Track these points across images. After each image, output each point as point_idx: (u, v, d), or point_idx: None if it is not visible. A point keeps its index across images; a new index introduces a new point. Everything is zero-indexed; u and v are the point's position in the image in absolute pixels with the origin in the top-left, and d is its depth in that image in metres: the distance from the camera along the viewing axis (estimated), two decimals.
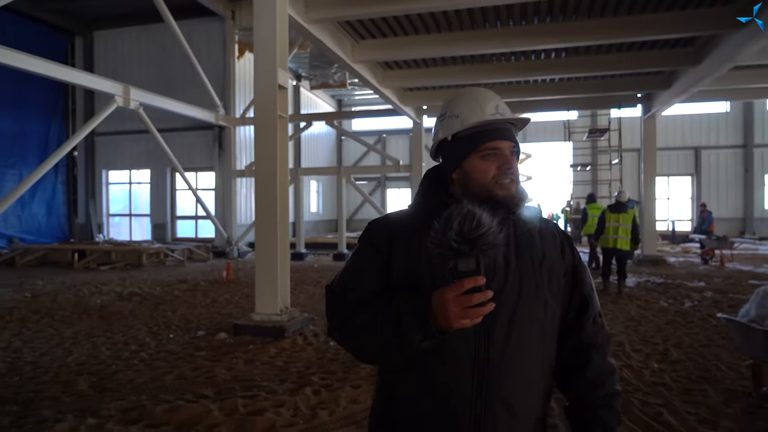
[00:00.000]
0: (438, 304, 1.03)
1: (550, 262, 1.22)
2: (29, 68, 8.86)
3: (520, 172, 1.23)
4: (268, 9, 5.78)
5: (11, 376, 4.52)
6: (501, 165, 1.17)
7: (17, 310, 7.37)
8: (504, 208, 1.16)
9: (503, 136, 1.19)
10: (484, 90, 1.25)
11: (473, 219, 1.03)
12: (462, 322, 1.02)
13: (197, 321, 6.68)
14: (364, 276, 1.22)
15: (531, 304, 1.17)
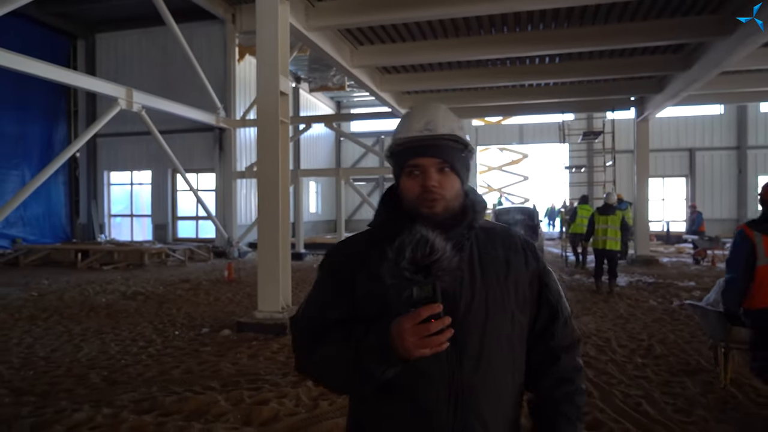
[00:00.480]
0: (396, 334, 1.01)
1: (515, 273, 1.21)
2: (36, 72, 9.10)
3: (455, 188, 1.18)
4: (270, 18, 6.01)
5: (26, 370, 4.74)
6: (424, 183, 1.14)
7: (26, 309, 7.58)
8: (458, 225, 1.17)
9: (426, 153, 1.15)
10: (428, 106, 1.22)
11: (426, 245, 1.03)
12: (421, 351, 1.00)
13: (201, 319, 6.91)
14: (326, 307, 1.21)
15: (499, 319, 1.16)
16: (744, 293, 3.28)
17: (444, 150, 1.16)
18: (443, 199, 1.14)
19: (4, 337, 5.93)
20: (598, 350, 5.18)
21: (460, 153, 1.18)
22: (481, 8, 6.66)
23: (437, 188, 1.14)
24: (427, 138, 1.15)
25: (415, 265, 1.02)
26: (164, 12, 12.60)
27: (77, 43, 17.66)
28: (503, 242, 1.23)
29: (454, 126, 1.19)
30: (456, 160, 1.16)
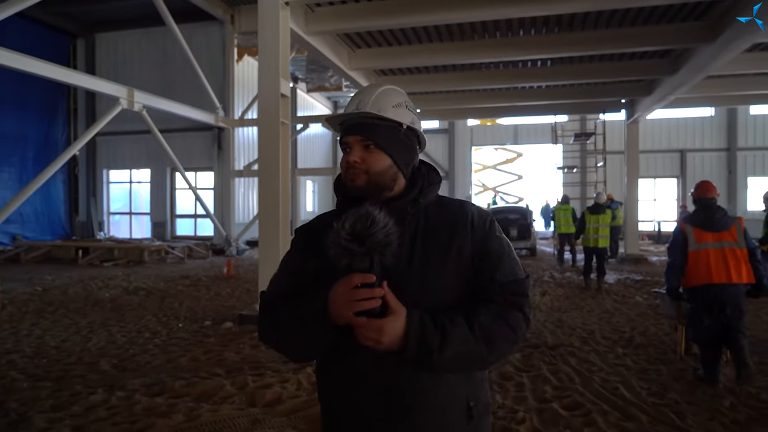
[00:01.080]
0: (331, 297, 1.09)
1: (459, 244, 1.22)
2: (42, 73, 9.32)
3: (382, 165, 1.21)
4: (271, 23, 6.26)
5: (39, 358, 4.98)
6: (347, 159, 1.22)
7: (32, 303, 7.81)
8: (400, 200, 1.23)
9: (350, 131, 1.23)
10: (366, 87, 1.29)
11: (367, 219, 1.07)
12: (344, 314, 1.07)
13: (203, 312, 7.16)
14: (284, 278, 1.31)
15: (436, 290, 1.18)
16: (681, 273, 4.17)
17: (368, 128, 1.21)
18: (365, 174, 1.20)
19: (14, 329, 6.16)
20: (582, 341, 5.46)
21: (391, 131, 1.22)
22: (474, 15, 6.94)
23: (359, 163, 1.20)
24: (353, 116, 1.22)
25: (353, 236, 1.06)
26: (164, 13, 12.80)
27: (77, 42, 17.84)
28: (453, 215, 1.25)
29: (386, 105, 1.22)
30: (382, 138, 1.20)
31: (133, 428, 3.34)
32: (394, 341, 1.08)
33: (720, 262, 4.00)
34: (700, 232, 4.12)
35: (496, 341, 1.15)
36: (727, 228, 4.10)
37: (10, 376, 4.43)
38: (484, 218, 1.27)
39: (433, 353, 1.09)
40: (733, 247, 4.03)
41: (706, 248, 4.06)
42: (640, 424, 3.37)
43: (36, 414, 3.55)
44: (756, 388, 4.01)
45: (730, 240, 4.05)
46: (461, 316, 1.13)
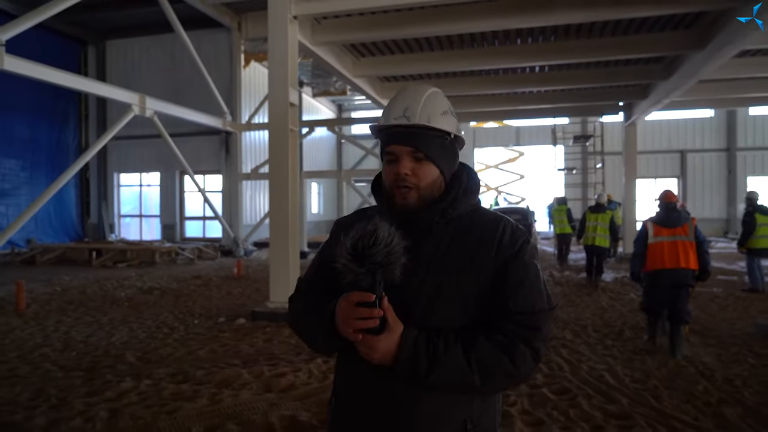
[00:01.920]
0: (337, 311, 1.11)
1: (482, 260, 1.17)
2: (57, 81, 9.73)
3: (431, 177, 1.18)
4: (280, 35, 6.63)
5: (68, 351, 5.37)
6: (396, 170, 1.17)
7: (53, 301, 8.21)
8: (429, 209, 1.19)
9: (399, 140, 1.16)
10: (410, 91, 1.22)
11: (369, 237, 1.03)
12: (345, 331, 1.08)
13: (216, 310, 7.53)
14: (315, 267, 1.36)
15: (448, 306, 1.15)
16: (642, 260, 5.17)
17: (418, 138, 1.16)
18: (416, 189, 1.16)
19: (41, 326, 6.56)
20: (574, 335, 5.81)
21: (440, 141, 1.18)
22: (474, 26, 7.30)
23: (410, 176, 1.16)
24: (402, 126, 1.17)
25: (353, 254, 1.04)
26: (174, 20, 13.20)
27: (88, 49, 18.30)
28: (483, 230, 1.21)
29: (434, 113, 1.17)
30: (432, 148, 1.16)
31: (163, 410, 3.71)
32: (386, 357, 1.08)
33: (672, 251, 4.96)
34: (659, 228, 5.10)
35: (494, 375, 1.11)
36: (680, 225, 5.05)
37: (44, 367, 4.82)
38: (515, 240, 1.19)
39: (420, 376, 1.09)
40: (684, 240, 4.97)
41: (661, 241, 5.04)
42: (620, 406, 3.72)
43: (74, 399, 3.94)
44: (733, 375, 4.35)
45: (682, 234, 5.00)
46: (460, 344, 1.10)
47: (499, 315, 1.15)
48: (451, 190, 1.21)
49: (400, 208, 1.18)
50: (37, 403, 3.88)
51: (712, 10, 6.98)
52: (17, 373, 4.64)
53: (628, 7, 6.70)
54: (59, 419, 3.58)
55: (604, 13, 6.87)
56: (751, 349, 5.09)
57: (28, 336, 6.02)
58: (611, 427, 3.38)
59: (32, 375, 4.58)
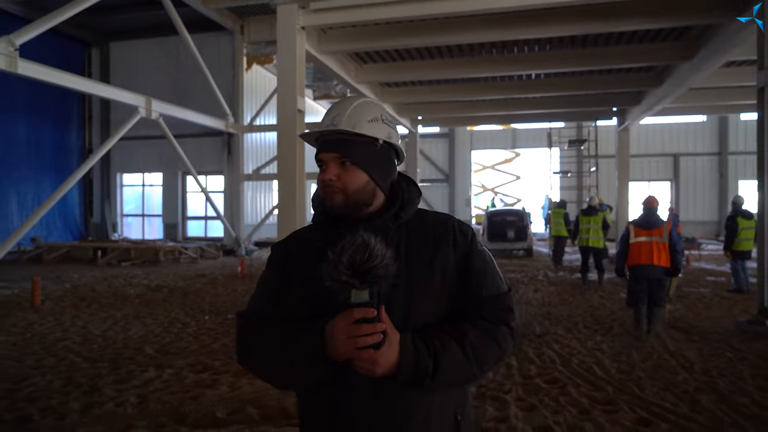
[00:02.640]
0: (329, 333, 1.05)
1: (443, 260, 1.21)
2: (66, 84, 10.04)
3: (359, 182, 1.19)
4: (289, 46, 6.97)
5: (90, 344, 5.69)
6: (323, 177, 1.19)
7: (66, 298, 8.52)
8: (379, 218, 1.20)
9: (325, 147, 1.19)
10: (343, 101, 1.25)
11: (365, 251, 1.02)
12: (345, 351, 1.03)
13: (224, 306, 7.85)
14: (266, 300, 1.25)
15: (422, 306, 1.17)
16: (625, 258, 5.96)
17: (344, 145, 1.18)
18: (341, 192, 1.18)
19: (58, 321, 6.86)
20: (566, 330, 6.16)
21: (368, 147, 1.19)
22: (471, 38, 7.66)
23: (334, 181, 1.18)
24: (329, 133, 1.19)
25: (353, 269, 1.01)
26: (178, 23, 13.49)
27: (92, 50, 18.58)
28: (435, 229, 1.25)
29: (360, 120, 1.19)
30: (358, 154, 1.17)
31: (187, 396, 4.04)
32: (389, 368, 1.06)
33: (648, 250, 5.79)
34: (638, 230, 5.92)
35: (486, 360, 1.17)
36: (656, 227, 5.83)
37: (69, 358, 5.14)
38: (465, 233, 1.26)
39: (426, 379, 1.09)
40: (659, 241, 5.78)
41: (640, 241, 5.86)
42: (606, 394, 4.07)
43: (104, 386, 4.26)
44: (711, 367, 4.71)
45: (657, 236, 5.80)
46: (452, 339, 1.13)
47: (473, 302, 1.20)
48: (396, 198, 1.24)
49: (329, 210, 1.20)
50: (69, 390, 4.20)
51: (696, 24, 7.35)
52: (44, 364, 4.96)
53: (618, 21, 7.06)
54: (92, 404, 3.90)
55: (597, 27, 7.24)
56: (730, 345, 5.45)
57: (47, 330, 6.33)
58: (597, 411, 3.72)
59: (59, 365, 4.90)
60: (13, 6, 14.86)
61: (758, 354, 5.09)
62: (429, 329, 1.14)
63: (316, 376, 1.11)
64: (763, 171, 5.78)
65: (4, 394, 4.11)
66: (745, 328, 5.91)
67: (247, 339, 1.22)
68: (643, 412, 3.70)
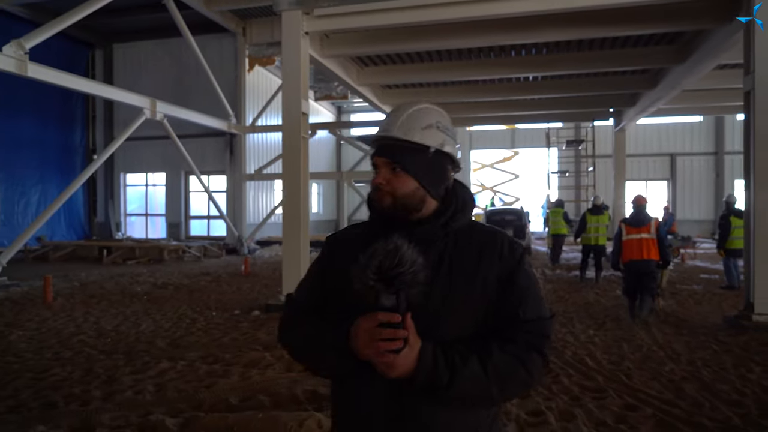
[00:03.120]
0: (353, 332, 1.09)
1: (484, 276, 1.20)
2: (76, 87, 10.29)
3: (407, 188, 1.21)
4: (293, 50, 7.20)
5: (103, 338, 5.93)
6: (373, 181, 1.24)
7: (76, 296, 8.75)
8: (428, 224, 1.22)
9: (379, 152, 1.24)
10: (399, 108, 1.27)
11: (395, 256, 1.04)
12: (367, 352, 1.06)
13: (230, 303, 8.09)
14: (310, 289, 1.32)
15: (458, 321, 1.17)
16: (619, 254, 6.59)
17: (395, 150, 1.21)
18: (389, 196, 1.21)
19: (70, 317, 7.10)
20: (561, 325, 6.41)
21: (420, 154, 1.21)
22: (470, 42, 7.91)
23: (383, 185, 1.22)
24: (382, 138, 1.24)
25: (379, 274, 1.04)
26: (182, 26, 13.73)
27: (95, 52, 18.80)
28: (482, 244, 1.24)
29: (414, 127, 1.21)
30: (408, 161, 1.21)
31: (201, 385, 4.28)
32: (405, 373, 1.09)
33: (638, 247, 6.43)
34: (629, 229, 6.57)
35: (509, 384, 1.15)
36: (645, 224, 6.46)
37: (86, 351, 5.38)
38: (515, 250, 1.25)
39: (440, 389, 1.10)
40: (647, 237, 6.43)
41: (631, 238, 6.51)
42: (596, 383, 4.32)
43: (122, 376, 4.51)
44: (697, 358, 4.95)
45: (646, 233, 6.44)
46: (475, 355, 1.12)
47: (509, 324, 1.18)
48: (448, 205, 1.25)
49: (378, 210, 1.25)
50: (89, 379, 4.44)
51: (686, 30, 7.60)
52: (62, 356, 5.20)
53: (613, 27, 7.30)
54: (113, 392, 4.15)
55: (591, 33, 7.49)
56: (716, 338, 5.70)
57: (61, 325, 6.57)
58: (587, 398, 3.97)
59: (77, 357, 5.14)
60: (20, 9, 15.07)
61: (742, 346, 5.34)
62: (456, 343, 1.14)
63: (343, 368, 1.16)
64: (750, 171, 6.03)
65: (29, 383, 4.35)
66: (732, 322, 6.16)
67: (287, 325, 1.31)
68: (630, 398, 3.94)
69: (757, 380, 4.33)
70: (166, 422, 3.46)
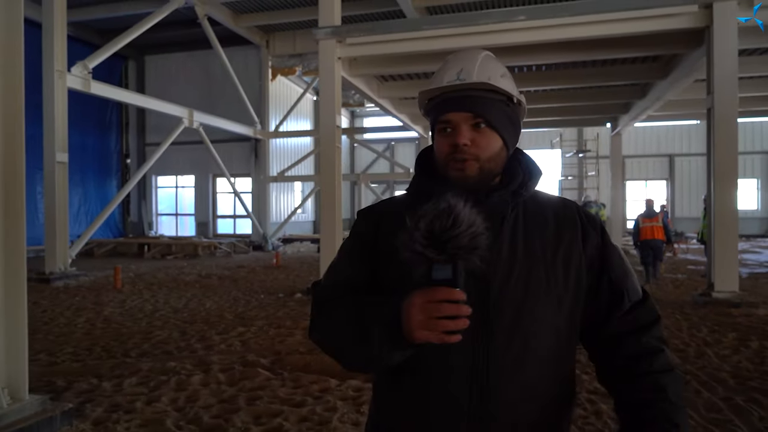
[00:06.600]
0: (405, 311, 0.88)
1: (567, 250, 1.02)
2: (125, 100, 11.91)
3: (493, 148, 1.01)
4: (329, 73, 8.48)
5: (180, 313, 7.26)
6: (454, 140, 1.00)
7: (138, 283, 10.12)
8: (501, 191, 1.02)
9: (455, 107, 1.00)
10: (465, 52, 1.06)
11: (448, 217, 0.84)
12: (424, 334, 0.85)
13: (273, 289, 9.41)
14: (345, 271, 1.11)
15: (541, 302, 0.98)
16: (638, 236, 9.51)
17: (478, 102, 1.00)
18: (476, 160, 1.00)
19: (142, 298, 8.45)
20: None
21: (502, 106, 1.02)
22: None
23: (469, 147, 0.99)
24: (458, 89, 1.01)
25: (430, 239, 0.84)
26: (213, 40, 15.16)
27: (129, 63, 20.24)
28: (556, 214, 1.06)
29: (494, 74, 1.02)
30: (494, 115, 1.00)
31: (275, 341, 5.60)
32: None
33: (650, 231, 9.34)
34: (644, 219, 9.49)
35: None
36: (654, 216, 9.42)
37: (171, 321, 6.72)
38: (595, 224, 1.08)
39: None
40: (655, 225, 9.36)
41: (645, 225, 9.42)
42: None
43: (212, 335, 5.84)
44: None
45: (656, 221, 9.39)
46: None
47: (616, 309, 1.06)
48: (515, 172, 1.06)
49: (457, 181, 1.00)
50: (187, 338, 5.77)
51: (664, 54, 8.86)
52: (155, 324, 6.54)
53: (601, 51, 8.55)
54: (209, 345, 5.47)
55: (583, 56, 8.76)
56: (682, 310, 6.95)
57: (140, 304, 7.92)
58: None
59: (167, 326, 6.48)
60: (81, 32, 16.51)
61: (700, 316, 6.60)
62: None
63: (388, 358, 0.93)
64: (711, 175, 7.28)
65: (142, 340, 5.70)
66: (697, 299, 7.40)
67: (318, 308, 1.09)
68: None
69: (702, 337, 5.60)
70: (261, 361, 4.79)
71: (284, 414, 3.61)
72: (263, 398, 3.91)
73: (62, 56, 10.02)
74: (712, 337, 5.63)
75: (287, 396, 3.94)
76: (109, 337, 5.88)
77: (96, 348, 5.39)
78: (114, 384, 4.24)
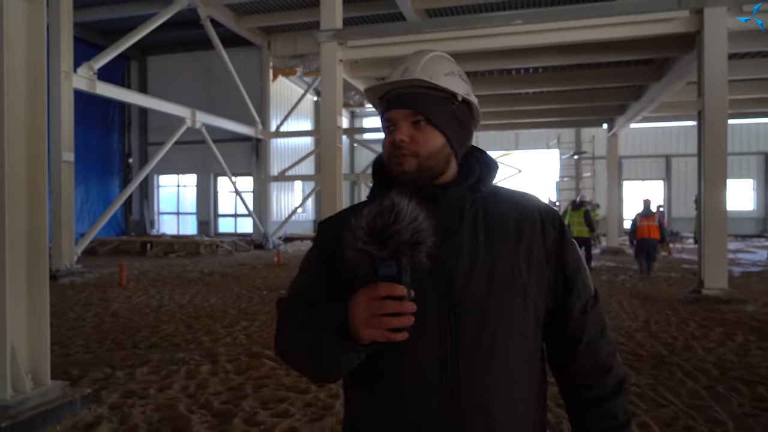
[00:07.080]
0: (351, 310, 0.87)
1: (528, 244, 1.03)
2: (129, 100, 12.09)
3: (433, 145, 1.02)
4: (331, 75, 8.70)
5: (185, 309, 7.47)
6: (392, 137, 1.02)
7: (142, 280, 10.32)
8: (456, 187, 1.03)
9: (395, 104, 1.02)
10: (411, 54, 1.08)
11: (390, 213, 0.84)
12: (370, 332, 0.84)
13: (275, 286, 9.62)
14: (306, 282, 1.11)
15: (506, 296, 0.99)
16: (634, 234, 10.19)
17: (418, 99, 1.01)
18: (414, 156, 1.01)
19: (148, 294, 8.65)
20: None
21: (446, 104, 1.03)
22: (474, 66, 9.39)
23: (407, 143, 1.00)
24: (401, 86, 1.03)
25: (371, 236, 0.84)
26: (216, 42, 15.33)
27: (131, 63, 20.44)
28: (516, 208, 1.07)
29: (436, 72, 1.02)
30: (434, 111, 1.01)
31: None
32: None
33: (646, 230, 9.90)
34: (641, 218, 10.01)
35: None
36: (651, 216, 9.94)
37: (177, 316, 6.93)
38: (554, 218, 1.09)
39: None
40: (651, 224, 9.91)
41: (642, 224, 9.96)
42: None
43: (217, 329, 6.05)
44: (651, 320, 6.42)
45: (652, 221, 9.95)
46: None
47: (568, 310, 1.06)
48: (472, 168, 1.06)
49: (398, 177, 1.02)
50: (194, 331, 5.98)
51: (657, 57, 9.07)
52: (162, 319, 6.75)
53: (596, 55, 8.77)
54: (215, 338, 5.68)
55: (579, 59, 8.97)
56: (673, 307, 7.17)
57: (146, 300, 8.13)
58: None
59: (173, 320, 6.68)
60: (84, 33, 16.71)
61: (689, 312, 6.82)
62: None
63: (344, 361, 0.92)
64: (701, 177, 7.50)
65: (150, 333, 5.90)
66: (688, 296, 7.62)
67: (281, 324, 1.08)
68: None
69: (690, 331, 5.82)
70: (266, 352, 5.00)
71: (290, 399, 3.82)
72: (269, 386, 4.13)
73: (68, 57, 10.21)
74: (699, 331, 5.84)
75: (292, 384, 4.15)
76: (117, 330, 6.09)
77: (106, 341, 5.59)
78: (127, 373, 4.46)
